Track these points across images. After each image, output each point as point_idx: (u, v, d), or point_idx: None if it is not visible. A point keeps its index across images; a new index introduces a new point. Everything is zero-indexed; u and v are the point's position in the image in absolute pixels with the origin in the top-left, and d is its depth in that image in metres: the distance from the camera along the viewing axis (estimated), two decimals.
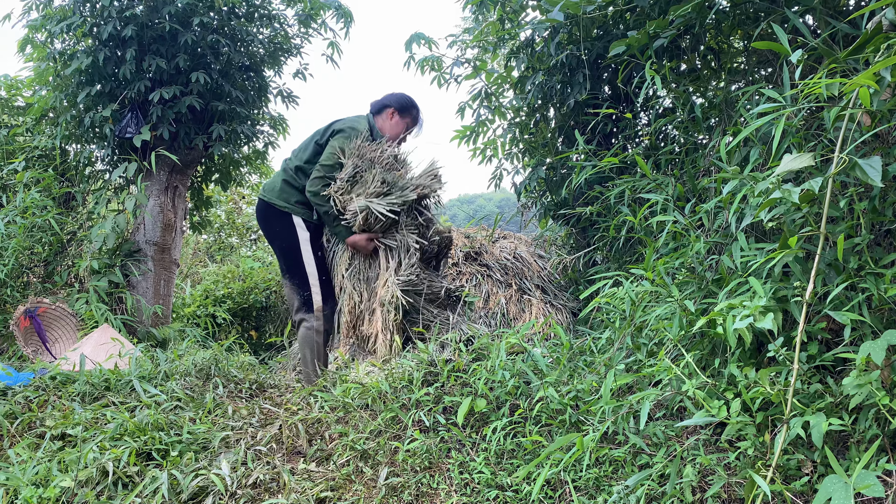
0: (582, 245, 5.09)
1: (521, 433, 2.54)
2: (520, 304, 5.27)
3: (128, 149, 5.59)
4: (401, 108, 3.83)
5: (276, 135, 6.84)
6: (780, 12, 2.86)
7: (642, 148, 4.16)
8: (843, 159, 1.85)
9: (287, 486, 2.27)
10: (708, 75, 3.93)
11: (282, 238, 3.68)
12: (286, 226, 3.66)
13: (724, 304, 2.05)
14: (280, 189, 3.66)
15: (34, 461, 2.32)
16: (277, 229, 3.68)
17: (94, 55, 5.21)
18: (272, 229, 3.71)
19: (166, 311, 5.83)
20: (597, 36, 4.15)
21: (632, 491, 2.04)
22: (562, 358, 2.79)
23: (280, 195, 3.65)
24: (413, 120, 3.91)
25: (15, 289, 4.86)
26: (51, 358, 4.45)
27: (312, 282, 3.63)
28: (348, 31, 6.42)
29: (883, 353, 1.72)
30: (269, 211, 3.69)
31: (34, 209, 5.02)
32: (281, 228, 3.67)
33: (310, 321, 3.64)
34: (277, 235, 3.70)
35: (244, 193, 10.64)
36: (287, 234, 3.65)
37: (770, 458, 1.87)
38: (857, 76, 1.75)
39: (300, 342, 3.69)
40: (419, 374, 2.93)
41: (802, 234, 2.01)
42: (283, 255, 3.72)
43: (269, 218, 3.70)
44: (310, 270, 3.64)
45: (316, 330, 3.64)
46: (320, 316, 3.63)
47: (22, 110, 6.28)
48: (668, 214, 2.75)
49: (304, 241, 3.64)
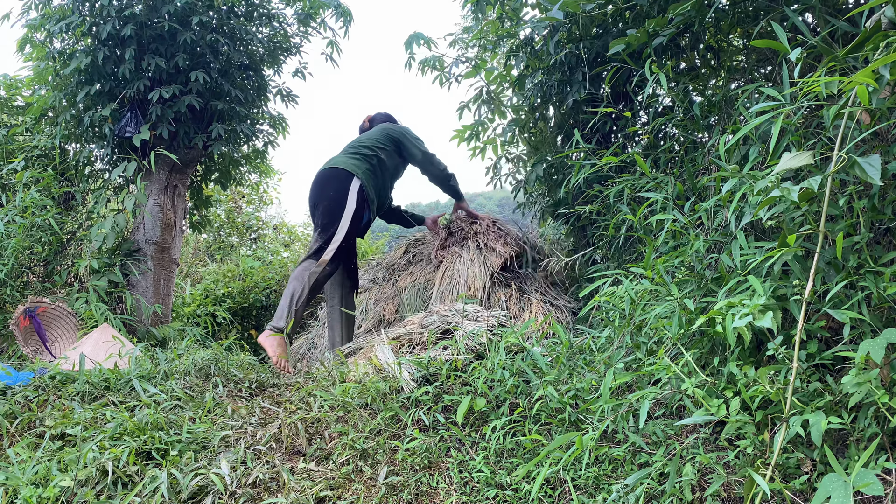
0: (581, 244, 5.09)
1: (521, 432, 2.54)
2: (519, 302, 5.27)
3: (127, 148, 5.59)
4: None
5: (275, 134, 6.83)
6: (779, 10, 2.86)
7: (641, 146, 4.15)
8: (842, 157, 1.84)
9: (287, 485, 2.27)
10: (707, 74, 3.93)
11: (331, 200, 3.98)
12: (342, 189, 3.99)
13: (724, 303, 2.05)
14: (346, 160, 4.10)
15: (34, 461, 2.32)
16: (332, 193, 4.00)
17: (93, 54, 5.20)
18: (326, 192, 4.02)
19: (166, 310, 5.83)
20: (596, 34, 4.14)
21: (631, 489, 2.04)
22: (561, 357, 2.79)
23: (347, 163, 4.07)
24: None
25: (14, 288, 4.86)
26: (50, 357, 4.45)
27: (336, 239, 3.91)
28: (347, 30, 6.42)
29: (882, 352, 1.72)
30: (330, 174, 4.06)
31: (34, 209, 5.02)
32: (336, 192, 3.99)
33: (309, 264, 3.88)
34: (329, 198, 3.99)
35: (244, 192, 10.64)
36: (339, 195, 3.98)
37: (769, 457, 1.87)
38: (857, 74, 1.75)
39: (291, 277, 3.91)
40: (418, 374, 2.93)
41: (802, 232, 2.01)
42: (325, 214, 3.99)
43: (328, 181, 4.06)
44: (339, 233, 3.92)
45: (311, 272, 3.85)
46: (322, 266, 3.88)
47: (21, 110, 6.28)
48: (668, 213, 2.75)
49: (349, 210, 3.95)
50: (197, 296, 7.34)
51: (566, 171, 4.70)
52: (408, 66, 5.49)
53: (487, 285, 5.20)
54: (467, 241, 5.58)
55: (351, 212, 3.96)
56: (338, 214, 3.95)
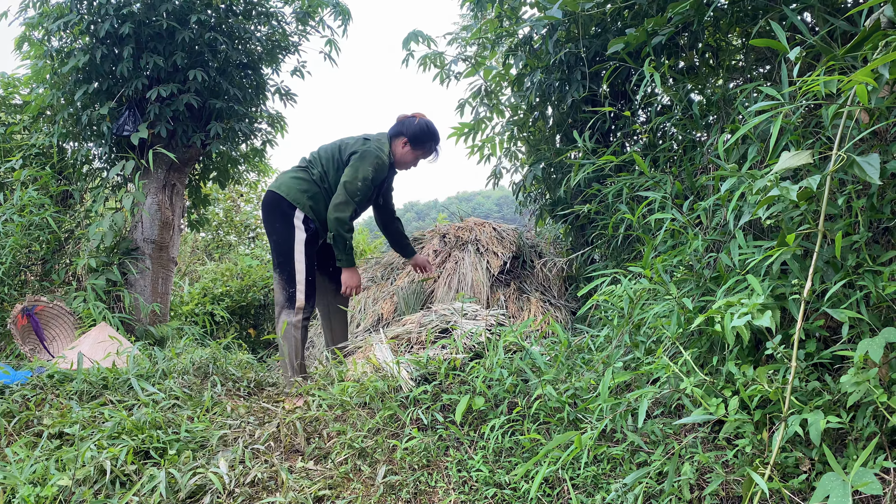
0: (580, 243, 5.09)
1: (520, 431, 2.54)
2: (518, 302, 5.27)
3: (125, 147, 5.58)
4: (414, 140, 3.82)
5: (274, 132, 6.83)
6: (778, 9, 2.86)
7: (640, 146, 4.15)
8: (841, 157, 1.84)
9: (285, 484, 2.27)
10: (706, 73, 3.93)
11: (279, 233, 3.72)
12: (287, 222, 3.70)
13: (722, 302, 2.05)
14: (291, 184, 3.72)
15: (32, 460, 2.31)
16: (278, 225, 3.72)
17: (91, 53, 5.20)
18: (273, 223, 3.75)
19: (164, 309, 5.82)
20: (595, 33, 4.14)
21: (630, 488, 2.04)
22: (560, 356, 2.79)
23: (290, 189, 3.71)
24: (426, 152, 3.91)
25: (12, 287, 4.86)
26: (48, 356, 4.44)
27: (299, 279, 3.70)
28: (346, 28, 6.42)
29: (881, 351, 1.72)
30: (273, 201, 3.74)
31: (32, 207, 5.01)
32: (281, 224, 3.71)
33: (289, 316, 3.72)
34: (276, 231, 3.73)
35: (242, 191, 10.63)
36: (285, 230, 3.70)
37: (768, 456, 1.87)
38: (856, 73, 1.75)
39: (280, 338, 3.76)
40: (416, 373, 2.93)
41: (800, 231, 2.01)
42: (277, 250, 3.75)
43: (272, 209, 3.74)
44: (298, 268, 3.69)
45: (294, 325, 3.72)
46: (300, 313, 3.71)
47: (19, 108, 6.27)
48: (667, 212, 2.75)
49: (299, 241, 3.69)
50: (195, 294, 7.34)
51: (565, 171, 4.70)
52: (405, 62, 5.49)
53: (487, 291, 5.22)
54: (467, 246, 5.59)
55: (302, 241, 3.69)
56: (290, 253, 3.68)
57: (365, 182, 3.63)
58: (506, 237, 5.80)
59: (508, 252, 5.60)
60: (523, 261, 5.71)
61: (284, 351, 3.73)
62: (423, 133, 3.80)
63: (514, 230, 5.99)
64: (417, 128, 3.80)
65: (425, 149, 3.87)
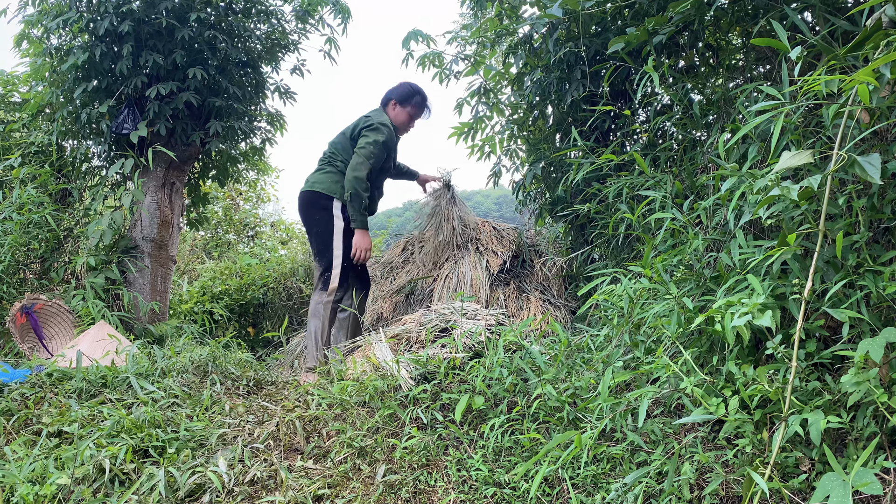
0: (580, 243, 5.09)
1: (519, 430, 2.54)
2: (518, 301, 5.27)
3: (124, 145, 5.57)
4: (400, 98, 4.19)
5: (273, 131, 6.82)
6: (778, 9, 2.86)
7: (640, 145, 4.15)
8: (842, 156, 1.84)
9: (284, 483, 2.26)
10: (706, 72, 3.92)
11: (319, 225, 4.02)
12: (326, 213, 3.99)
13: (723, 302, 2.04)
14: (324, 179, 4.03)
15: (30, 458, 2.31)
16: (317, 217, 4.02)
17: (90, 51, 5.18)
18: (312, 217, 4.05)
19: (163, 307, 5.81)
20: (595, 32, 4.14)
21: (630, 488, 2.04)
22: (559, 355, 2.79)
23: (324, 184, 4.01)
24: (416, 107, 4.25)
25: (11, 285, 4.85)
26: (47, 355, 4.43)
27: (336, 263, 3.97)
28: (346, 27, 6.40)
29: (881, 351, 1.72)
30: (311, 198, 4.03)
31: (30, 205, 5.00)
32: (321, 217, 4.01)
33: (321, 296, 3.96)
34: (316, 223, 4.03)
35: (241, 190, 10.62)
36: (325, 221, 3.99)
37: (768, 456, 1.87)
38: (857, 73, 1.75)
39: (309, 314, 4.02)
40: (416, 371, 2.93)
41: (801, 231, 2.00)
42: (318, 240, 4.04)
43: (311, 206, 4.04)
44: (336, 254, 3.97)
45: (324, 304, 3.94)
46: (332, 294, 3.94)
47: (18, 106, 6.25)
48: (667, 212, 2.75)
49: (338, 230, 3.98)
50: (194, 293, 7.33)
51: (565, 170, 4.69)
52: (405, 62, 5.48)
53: (487, 291, 5.22)
54: (467, 245, 5.59)
55: (341, 230, 3.99)
56: (329, 241, 3.98)
57: (377, 145, 3.95)
58: (505, 236, 5.80)
59: (508, 251, 5.60)
60: (523, 260, 5.71)
61: (311, 328, 3.92)
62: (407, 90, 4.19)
63: (513, 229, 5.99)
64: (401, 88, 4.20)
65: (413, 104, 4.21)
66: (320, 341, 3.87)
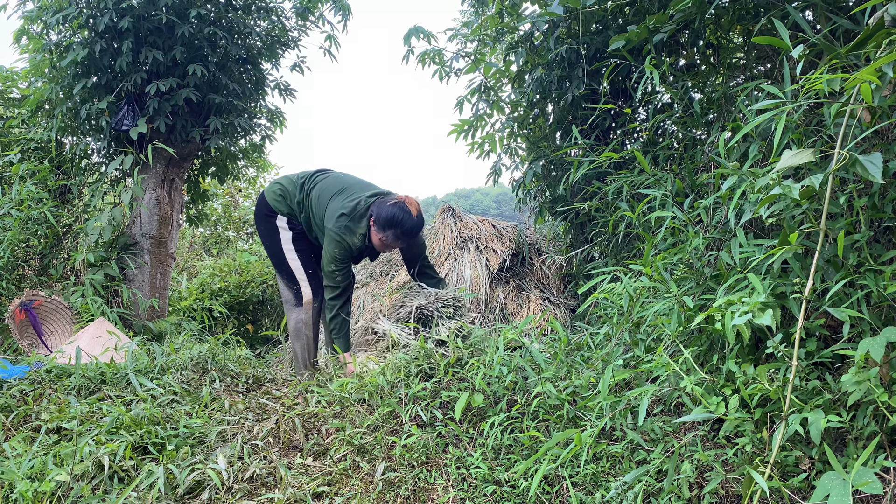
0: (579, 241, 5.09)
1: (519, 428, 2.54)
2: (517, 299, 5.27)
3: (124, 141, 5.56)
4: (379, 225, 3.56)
5: (273, 128, 6.81)
6: (780, 7, 2.85)
7: (641, 143, 4.15)
8: (843, 156, 1.84)
9: (284, 480, 2.26)
10: (707, 70, 3.92)
11: (265, 236, 3.79)
12: (270, 225, 3.74)
13: (723, 301, 2.04)
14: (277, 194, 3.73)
15: (29, 455, 2.31)
16: (262, 228, 3.79)
17: (90, 47, 5.17)
18: (259, 228, 3.83)
19: (162, 304, 5.81)
20: (596, 30, 4.13)
21: (629, 486, 2.04)
22: (559, 353, 2.79)
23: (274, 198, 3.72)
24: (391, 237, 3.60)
25: (10, 281, 4.84)
26: (46, 351, 4.43)
27: (299, 276, 3.74)
28: (346, 24, 6.39)
29: (882, 350, 1.72)
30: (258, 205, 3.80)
31: (30, 202, 4.99)
32: (266, 227, 3.76)
33: (299, 314, 3.75)
34: (263, 234, 3.81)
35: (241, 187, 10.60)
36: (270, 232, 3.74)
37: (768, 455, 1.87)
38: (859, 72, 1.75)
39: (291, 336, 3.80)
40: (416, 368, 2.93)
41: (802, 230, 2.00)
42: (270, 254, 3.82)
43: (257, 214, 3.82)
44: (294, 266, 3.74)
45: (305, 322, 3.74)
46: (309, 308, 3.74)
47: (17, 102, 6.24)
48: (667, 210, 2.75)
49: (285, 240, 3.73)
50: (193, 290, 7.33)
51: (565, 168, 4.69)
52: (406, 59, 5.47)
53: (487, 289, 5.22)
54: (467, 243, 5.59)
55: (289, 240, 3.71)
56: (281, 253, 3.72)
57: (335, 262, 3.55)
58: (505, 234, 5.80)
59: (508, 249, 5.60)
60: (522, 258, 5.71)
61: (297, 352, 3.75)
62: (386, 220, 3.53)
63: (513, 227, 5.98)
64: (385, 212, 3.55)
65: (386, 234, 3.57)
66: (308, 362, 3.71)
